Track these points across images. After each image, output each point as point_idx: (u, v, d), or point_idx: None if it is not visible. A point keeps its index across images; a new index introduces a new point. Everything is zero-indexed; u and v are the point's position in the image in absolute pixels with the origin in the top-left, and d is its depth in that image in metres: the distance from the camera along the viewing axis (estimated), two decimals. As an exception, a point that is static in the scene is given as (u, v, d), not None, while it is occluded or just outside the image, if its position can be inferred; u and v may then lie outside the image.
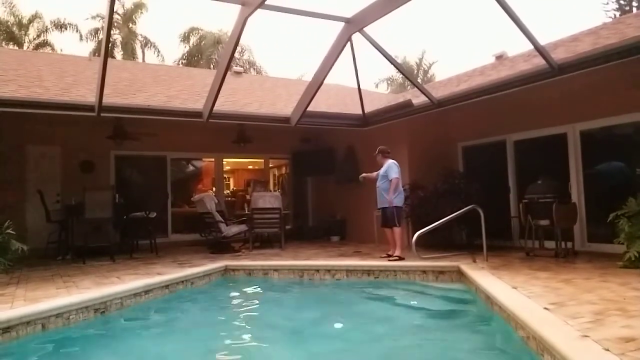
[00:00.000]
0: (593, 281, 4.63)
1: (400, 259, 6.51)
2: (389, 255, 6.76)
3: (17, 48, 20.78)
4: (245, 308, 5.42)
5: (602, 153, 7.09)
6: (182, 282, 5.70)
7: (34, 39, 22.57)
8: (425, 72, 28.80)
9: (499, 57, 10.14)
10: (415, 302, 5.12)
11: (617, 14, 24.76)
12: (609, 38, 6.34)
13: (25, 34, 22.46)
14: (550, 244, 6.65)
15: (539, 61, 6.26)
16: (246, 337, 4.28)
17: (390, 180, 6.87)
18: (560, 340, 2.71)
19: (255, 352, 3.84)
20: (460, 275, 5.62)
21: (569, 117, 7.21)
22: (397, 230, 6.85)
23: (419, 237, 5.91)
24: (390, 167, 6.98)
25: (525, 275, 5.07)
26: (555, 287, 4.36)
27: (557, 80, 6.17)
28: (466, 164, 9.15)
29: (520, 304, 3.72)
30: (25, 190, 8.64)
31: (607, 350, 2.55)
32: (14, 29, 22.06)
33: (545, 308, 3.53)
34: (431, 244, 7.03)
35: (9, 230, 5.65)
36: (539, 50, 5.95)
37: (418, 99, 8.24)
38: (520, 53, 9.00)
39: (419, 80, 23.43)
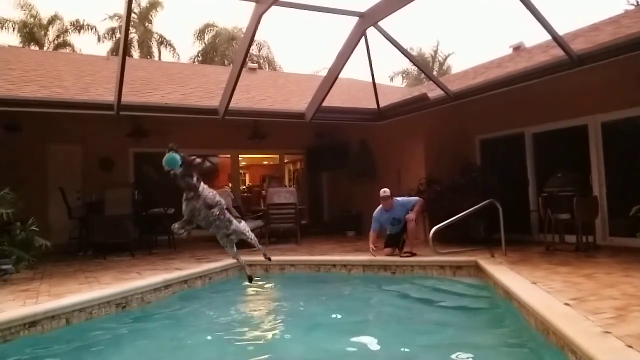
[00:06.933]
0: (615, 276, 4.54)
1: (412, 254, 6.46)
2: (400, 249, 6.68)
3: (37, 49, 21.21)
4: (261, 303, 5.47)
5: (625, 145, 6.92)
6: (201, 277, 5.79)
7: (54, 39, 23.02)
8: (441, 64, 28.44)
9: (517, 49, 9.96)
10: (432, 298, 5.09)
11: (640, 0, 24.00)
12: (630, 27, 6.18)
13: (44, 35, 22.90)
14: (570, 238, 6.54)
15: (558, 52, 6.13)
16: (263, 330, 4.32)
17: (414, 205, 6.73)
18: (582, 337, 2.67)
19: (272, 346, 3.88)
20: (478, 270, 5.58)
21: (590, 108, 7.05)
22: (413, 225, 6.76)
23: (436, 231, 5.86)
24: (407, 200, 6.86)
25: (545, 270, 5.00)
26: (575, 282, 4.30)
27: (576, 71, 6.04)
28: (484, 158, 9.04)
29: (540, 299, 3.68)
30: (47, 187, 8.85)
31: (630, 347, 2.50)
32: (34, 29, 22.49)
33: (566, 303, 3.48)
34: (448, 239, 6.94)
35: (32, 227, 5.80)
36: (558, 40, 5.83)
37: (434, 92, 8.16)
38: (538, 44, 8.82)
39: (435, 73, 23.14)
